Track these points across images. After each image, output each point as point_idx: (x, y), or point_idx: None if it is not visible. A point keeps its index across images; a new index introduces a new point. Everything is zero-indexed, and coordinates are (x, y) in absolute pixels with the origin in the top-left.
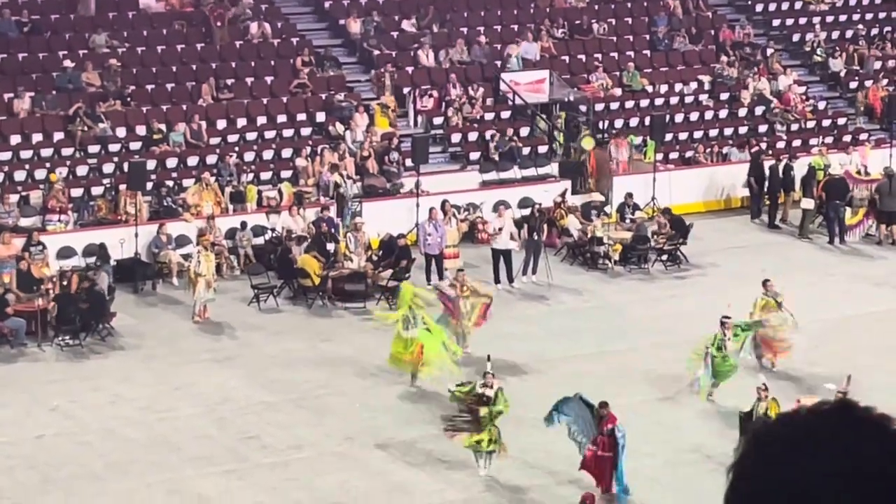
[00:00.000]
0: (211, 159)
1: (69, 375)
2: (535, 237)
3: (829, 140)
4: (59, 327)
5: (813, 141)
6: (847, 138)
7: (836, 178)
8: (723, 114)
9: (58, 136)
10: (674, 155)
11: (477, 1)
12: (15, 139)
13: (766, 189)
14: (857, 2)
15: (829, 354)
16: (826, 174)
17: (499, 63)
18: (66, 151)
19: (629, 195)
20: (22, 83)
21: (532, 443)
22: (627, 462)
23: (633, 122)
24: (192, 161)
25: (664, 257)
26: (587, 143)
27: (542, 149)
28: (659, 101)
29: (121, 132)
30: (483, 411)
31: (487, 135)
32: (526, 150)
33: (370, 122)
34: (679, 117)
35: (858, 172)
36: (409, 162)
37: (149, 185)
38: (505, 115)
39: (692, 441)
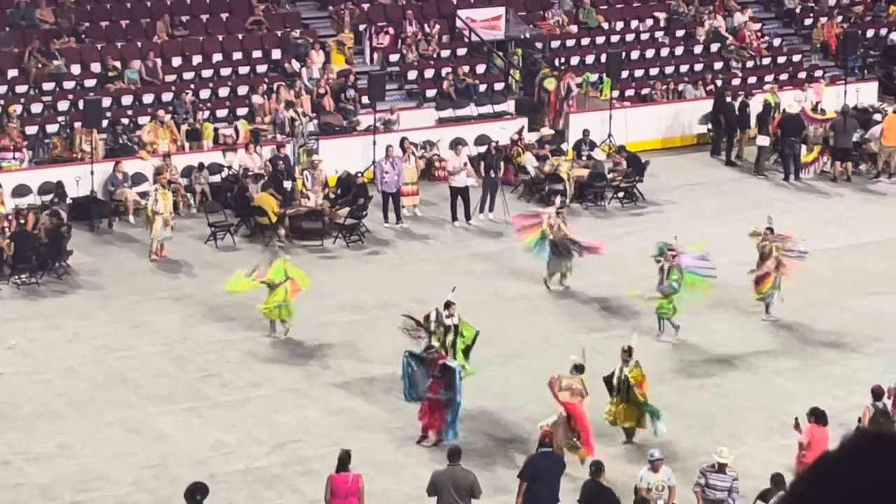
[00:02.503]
0: (166, 97)
1: (26, 314)
2: (492, 174)
3: (784, 77)
4: (16, 266)
5: (768, 78)
6: (802, 75)
7: (791, 115)
8: (678, 51)
9: (12, 73)
10: (630, 92)
11: None
12: None
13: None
14: None
15: (783, 290)
16: (778, 111)
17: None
18: (21, 89)
19: (586, 132)
20: None
21: (487, 378)
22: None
23: (589, 59)
24: (148, 99)
25: (621, 195)
26: (549, 84)
27: (499, 86)
28: (615, 38)
29: (75, 69)
30: (448, 339)
31: (444, 72)
32: (482, 88)
33: (326, 59)
34: (635, 54)
35: (813, 110)
36: (365, 99)
37: (104, 123)
38: (461, 52)
39: (650, 377)
